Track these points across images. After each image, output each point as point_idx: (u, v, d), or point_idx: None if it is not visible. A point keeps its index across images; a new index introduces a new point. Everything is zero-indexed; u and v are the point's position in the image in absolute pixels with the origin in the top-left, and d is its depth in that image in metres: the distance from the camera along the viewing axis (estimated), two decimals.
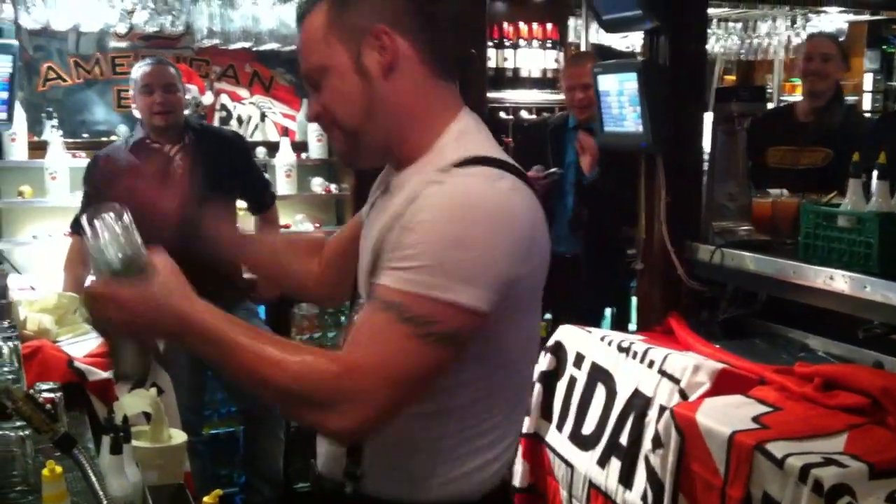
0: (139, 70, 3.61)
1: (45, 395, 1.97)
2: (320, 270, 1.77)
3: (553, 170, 4.02)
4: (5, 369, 1.97)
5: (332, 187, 4.75)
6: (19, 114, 3.99)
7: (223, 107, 4.78)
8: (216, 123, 4.63)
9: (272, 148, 4.63)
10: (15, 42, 3.79)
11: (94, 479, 1.51)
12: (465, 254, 1.27)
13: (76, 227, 3.63)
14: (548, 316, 4.57)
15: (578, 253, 4.13)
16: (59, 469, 1.49)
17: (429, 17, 1.45)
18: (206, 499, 1.67)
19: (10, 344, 1.99)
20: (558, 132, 4.25)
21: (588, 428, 2.59)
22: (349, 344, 1.31)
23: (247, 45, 4.57)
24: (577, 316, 3.90)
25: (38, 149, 4.23)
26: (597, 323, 4.17)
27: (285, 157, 4.57)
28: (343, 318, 4.51)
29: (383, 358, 1.27)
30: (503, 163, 1.38)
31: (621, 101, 3.35)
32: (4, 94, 3.63)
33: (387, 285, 1.29)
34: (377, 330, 1.28)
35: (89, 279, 1.47)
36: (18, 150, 4.19)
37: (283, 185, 4.52)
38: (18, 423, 1.83)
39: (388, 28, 1.41)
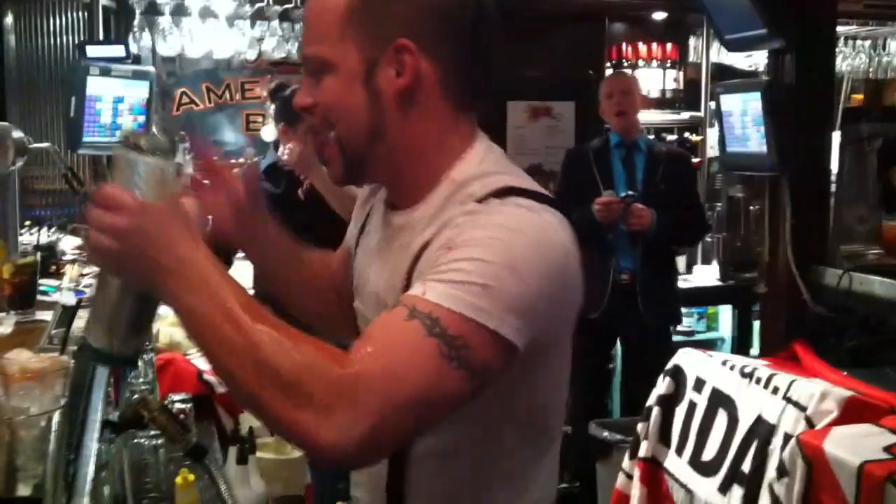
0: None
1: (178, 405, 2.05)
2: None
3: (629, 192, 3.98)
4: (141, 380, 2.06)
5: None
6: None
7: None
8: None
9: None
10: (152, 69, 3.99)
11: (223, 488, 1.57)
12: (517, 283, 1.08)
13: None
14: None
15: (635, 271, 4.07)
16: (191, 477, 1.55)
17: (465, 42, 1.22)
18: None
19: (146, 356, 2.08)
20: (602, 153, 4.19)
21: (708, 454, 2.54)
22: (360, 346, 1.07)
23: None
24: (642, 338, 3.86)
25: None
26: (665, 344, 4.10)
27: None
28: None
29: (399, 370, 1.05)
30: (541, 195, 1.20)
31: (744, 122, 3.29)
32: (141, 118, 3.83)
33: (421, 295, 1.08)
34: (398, 338, 1.07)
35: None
36: None
37: None
38: (152, 433, 1.92)
39: (414, 45, 1.18)
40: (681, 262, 5.04)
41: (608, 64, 5.49)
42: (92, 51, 3.99)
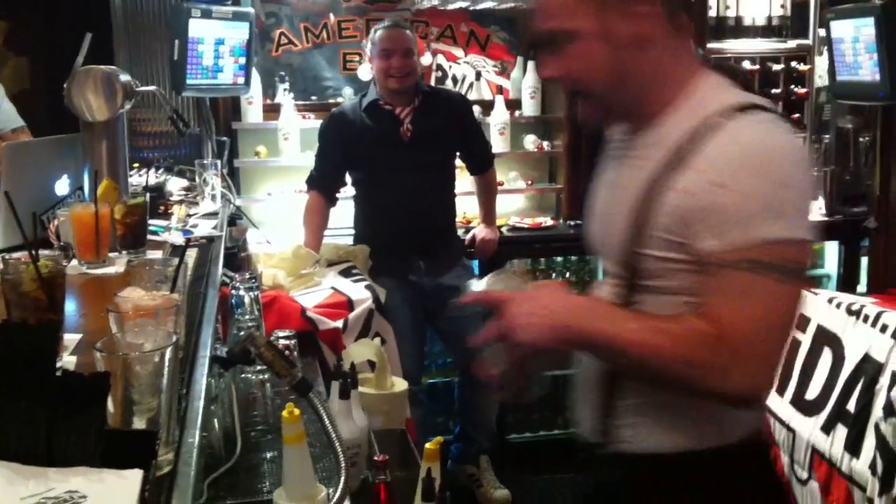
0: (377, 33, 3.74)
1: (282, 342, 2.12)
2: None
3: None
4: (247, 317, 2.13)
5: (545, 144, 4.76)
6: (255, 78, 4.24)
7: (439, 67, 4.87)
8: (432, 84, 4.74)
9: (487, 106, 4.69)
10: (251, 10, 4.02)
11: (328, 421, 1.62)
12: (788, 192, 1.29)
13: (312, 184, 3.85)
14: None
15: None
16: (297, 411, 1.60)
17: None
18: (428, 445, 1.74)
19: (252, 294, 2.14)
20: None
21: (812, 393, 2.50)
22: (711, 310, 1.32)
23: (464, 4, 4.63)
24: None
25: (271, 111, 4.50)
26: None
27: (499, 116, 4.62)
28: (554, 275, 4.55)
29: (758, 312, 1.29)
30: (774, 110, 1.38)
31: (856, 49, 3.15)
32: (242, 60, 3.87)
33: (726, 247, 1.30)
34: (739, 289, 1.29)
35: None
36: (254, 113, 4.47)
37: (497, 142, 4.57)
38: (259, 368, 1.98)
39: None
40: None
41: None
42: None
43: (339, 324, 2.91)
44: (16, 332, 1.04)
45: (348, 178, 3.89)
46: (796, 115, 4.99)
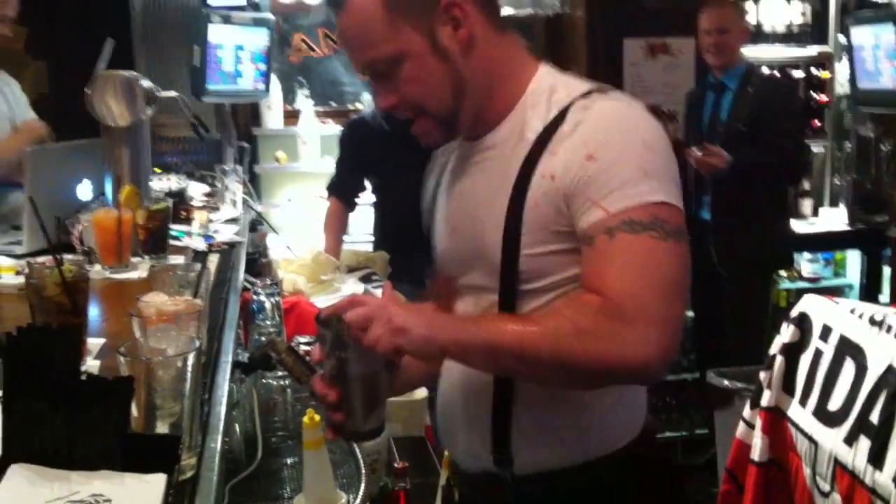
0: None
1: (303, 347, 2.11)
2: None
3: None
4: (268, 323, 2.13)
5: None
6: (275, 84, 4.25)
7: None
8: None
9: None
10: (271, 16, 4.03)
11: None
12: (656, 156, 1.29)
13: (331, 190, 3.85)
14: None
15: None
16: (317, 417, 1.60)
17: None
18: (447, 453, 1.73)
19: (273, 300, 2.15)
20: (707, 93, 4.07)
21: (834, 404, 2.46)
22: (591, 283, 1.27)
23: None
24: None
25: (290, 117, 4.51)
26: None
27: None
28: None
29: (638, 272, 1.24)
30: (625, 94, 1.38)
31: (876, 55, 3.13)
32: (262, 66, 3.88)
33: (603, 215, 1.26)
34: (617, 254, 1.25)
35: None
36: (274, 119, 4.49)
37: None
38: (280, 374, 1.98)
39: None
40: (806, 204, 4.86)
41: None
42: None
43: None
44: (39, 336, 1.04)
45: (368, 185, 3.89)
46: (817, 123, 4.97)
